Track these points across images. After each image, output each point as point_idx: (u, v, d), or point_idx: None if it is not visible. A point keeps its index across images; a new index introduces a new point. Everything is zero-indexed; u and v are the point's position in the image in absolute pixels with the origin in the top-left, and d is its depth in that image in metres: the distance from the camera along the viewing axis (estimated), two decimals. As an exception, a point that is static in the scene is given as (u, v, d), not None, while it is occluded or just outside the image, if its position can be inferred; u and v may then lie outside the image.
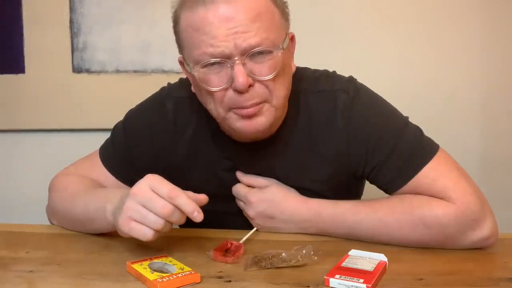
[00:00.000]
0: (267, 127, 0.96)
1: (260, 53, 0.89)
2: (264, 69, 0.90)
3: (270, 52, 0.90)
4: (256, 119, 0.94)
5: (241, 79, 0.88)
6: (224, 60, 0.89)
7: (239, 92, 0.90)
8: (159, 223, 0.84)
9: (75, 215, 1.04)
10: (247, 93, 0.91)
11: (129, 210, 0.85)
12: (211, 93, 0.93)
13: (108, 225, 0.94)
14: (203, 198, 0.88)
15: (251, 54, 0.89)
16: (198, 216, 0.85)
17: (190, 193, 0.87)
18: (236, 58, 0.88)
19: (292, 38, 0.99)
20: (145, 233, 0.85)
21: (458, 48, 1.68)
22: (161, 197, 0.84)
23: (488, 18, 1.66)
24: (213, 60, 0.89)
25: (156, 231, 0.85)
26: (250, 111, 0.92)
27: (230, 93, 0.91)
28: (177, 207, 0.84)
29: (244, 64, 0.89)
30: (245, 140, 1.02)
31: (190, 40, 0.91)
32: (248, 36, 0.88)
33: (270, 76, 0.91)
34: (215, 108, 0.95)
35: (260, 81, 0.91)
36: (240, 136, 1.01)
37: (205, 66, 0.91)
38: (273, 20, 0.91)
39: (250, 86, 0.90)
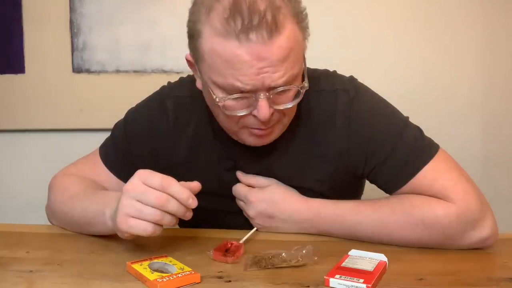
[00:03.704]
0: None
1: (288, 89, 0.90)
2: (285, 99, 0.92)
3: (300, 88, 0.91)
4: (268, 136, 0.96)
5: (265, 112, 0.89)
6: (250, 94, 0.89)
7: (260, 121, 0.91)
8: (156, 214, 0.84)
9: (73, 218, 1.04)
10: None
11: (125, 207, 0.85)
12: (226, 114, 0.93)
13: (107, 229, 0.94)
14: (196, 185, 0.88)
15: (281, 91, 0.89)
16: (192, 202, 0.85)
17: (182, 182, 0.87)
18: (261, 93, 0.88)
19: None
20: (145, 228, 0.85)
21: (459, 48, 1.68)
22: (154, 188, 0.85)
23: (488, 17, 1.66)
24: (239, 95, 0.89)
25: (156, 224, 0.85)
26: (264, 132, 0.94)
27: (250, 116, 0.92)
28: (171, 196, 0.84)
29: (268, 98, 0.89)
30: None
31: (216, 66, 0.88)
32: (277, 77, 0.87)
33: (289, 107, 0.92)
34: (226, 123, 0.96)
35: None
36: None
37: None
38: (299, 53, 0.90)
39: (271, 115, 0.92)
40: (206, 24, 0.87)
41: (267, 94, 0.88)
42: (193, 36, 0.90)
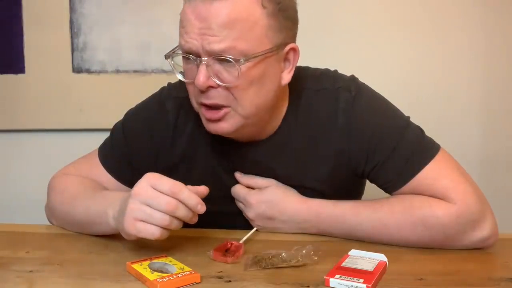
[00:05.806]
0: (231, 132, 0.97)
1: (227, 60, 0.90)
2: (226, 76, 0.91)
3: (234, 61, 0.89)
4: (219, 123, 0.95)
5: (201, 78, 0.90)
6: (193, 57, 0.91)
7: (200, 90, 0.92)
8: (165, 219, 0.85)
9: (74, 218, 1.04)
10: (208, 93, 0.92)
11: (134, 211, 0.86)
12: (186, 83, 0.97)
13: (109, 229, 0.95)
14: (203, 190, 0.90)
15: (217, 58, 0.90)
16: (201, 208, 0.87)
17: (190, 186, 0.88)
18: (203, 58, 0.90)
19: (294, 51, 0.96)
20: (153, 232, 0.85)
21: (459, 48, 1.68)
22: (164, 193, 0.85)
23: (489, 17, 1.66)
24: (184, 54, 0.93)
25: (164, 228, 0.86)
26: (214, 116, 0.94)
27: (196, 88, 0.93)
28: (180, 202, 0.85)
29: (208, 66, 0.90)
30: (242, 140, 1.03)
31: (179, 28, 0.94)
32: (213, 40, 0.88)
33: (229, 85, 0.91)
34: (191, 99, 0.98)
35: (223, 86, 0.92)
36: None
37: (183, 56, 0.94)
38: (252, 30, 0.90)
39: (212, 87, 0.92)
40: None
41: (206, 59, 0.90)
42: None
